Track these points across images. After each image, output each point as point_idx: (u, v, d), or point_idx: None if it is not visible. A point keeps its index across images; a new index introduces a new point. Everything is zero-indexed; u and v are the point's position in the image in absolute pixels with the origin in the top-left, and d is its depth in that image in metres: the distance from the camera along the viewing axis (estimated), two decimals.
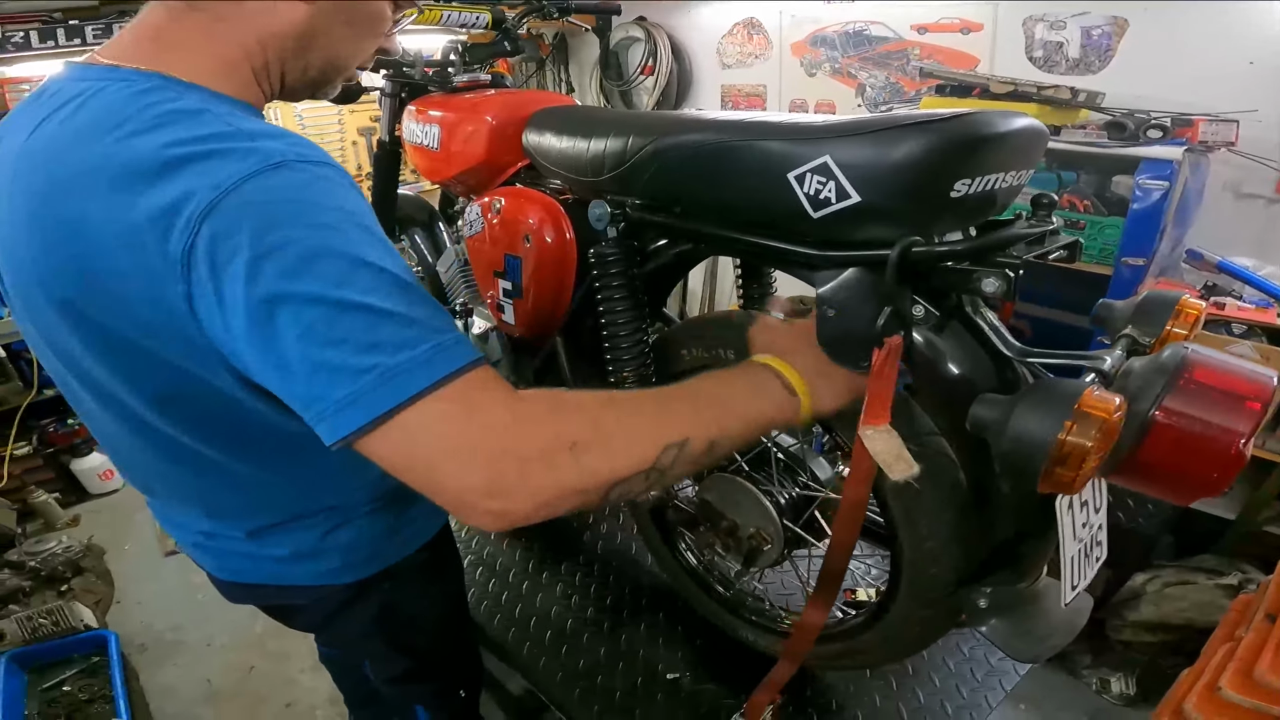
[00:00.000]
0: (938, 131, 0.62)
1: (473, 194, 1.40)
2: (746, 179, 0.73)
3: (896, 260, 0.63)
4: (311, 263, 0.55)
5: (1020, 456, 0.59)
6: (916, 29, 2.62)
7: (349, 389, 0.54)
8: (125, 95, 0.60)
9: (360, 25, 0.73)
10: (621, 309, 0.95)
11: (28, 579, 2.27)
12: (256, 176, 0.55)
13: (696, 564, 1.26)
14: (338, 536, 0.85)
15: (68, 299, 0.61)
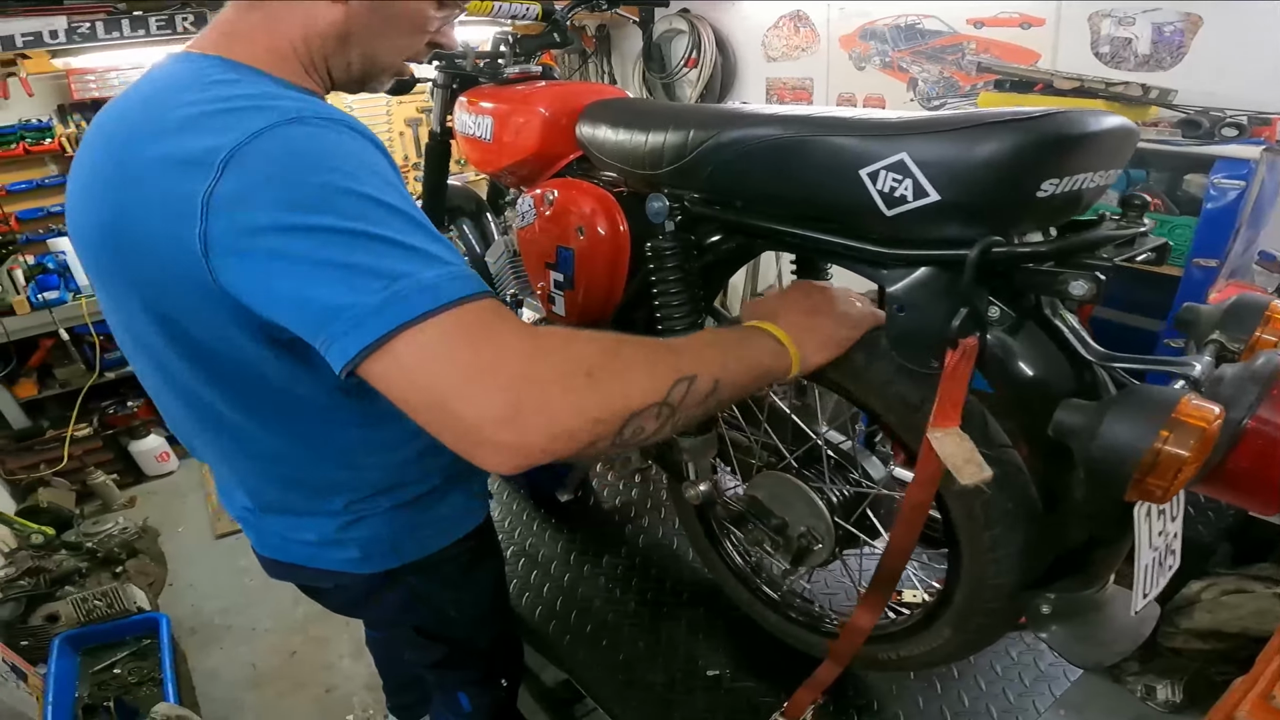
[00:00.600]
0: (1027, 129, 0.59)
1: (524, 185, 1.40)
2: (815, 175, 0.71)
3: (976, 260, 0.61)
4: (326, 199, 0.57)
5: (1110, 465, 0.57)
6: (972, 23, 2.55)
7: (358, 311, 0.55)
8: (187, 71, 0.68)
9: (396, 23, 0.76)
10: (678, 303, 0.94)
11: (85, 560, 2.35)
12: (275, 128, 0.59)
13: (742, 563, 1.25)
14: (357, 529, 0.87)
15: (116, 242, 0.66)
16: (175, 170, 0.59)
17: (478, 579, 1.06)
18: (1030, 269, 0.63)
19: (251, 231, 0.57)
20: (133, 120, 0.65)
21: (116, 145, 0.65)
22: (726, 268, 1.02)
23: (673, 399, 0.63)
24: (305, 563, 0.91)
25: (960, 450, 0.64)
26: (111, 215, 0.65)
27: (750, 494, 1.08)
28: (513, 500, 1.72)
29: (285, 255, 0.57)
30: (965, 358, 0.65)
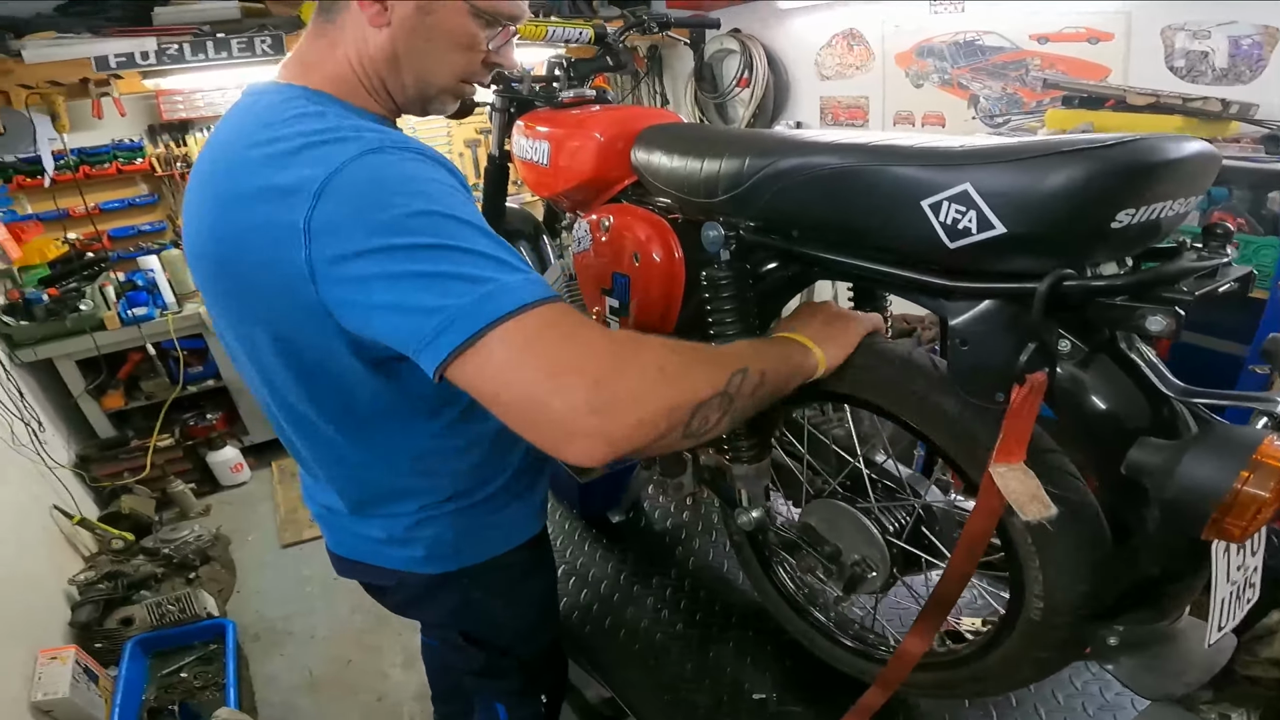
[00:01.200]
0: (1101, 159, 0.57)
1: (580, 210, 1.43)
2: (874, 206, 0.70)
3: (1045, 294, 0.59)
4: (409, 221, 0.63)
5: (1187, 505, 0.56)
6: (1036, 38, 2.48)
7: (450, 313, 0.61)
8: (275, 102, 0.75)
9: (440, 42, 0.80)
10: (733, 333, 0.94)
11: (161, 565, 2.47)
12: (360, 158, 0.65)
13: (794, 588, 1.23)
14: (424, 529, 0.93)
15: (231, 267, 0.73)
16: (277, 200, 0.66)
17: (528, 589, 1.09)
18: (1104, 303, 0.60)
19: (348, 256, 0.64)
20: (235, 151, 0.72)
21: (223, 174, 0.72)
22: (783, 295, 1.02)
23: (731, 389, 0.68)
24: (372, 560, 0.98)
25: (1025, 487, 0.63)
26: (224, 241, 0.72)
27: (804, 521, 1.06)
28: (565, 520, 1.74)
29: (380, 274, 0.63)
30: (1033, 394, 0.63)
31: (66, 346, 2.83)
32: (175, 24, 2.64)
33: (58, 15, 2.65)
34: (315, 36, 0.80)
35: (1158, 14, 2.16)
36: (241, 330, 0.79)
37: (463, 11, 0.78)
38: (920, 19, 2.79)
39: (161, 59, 2.61)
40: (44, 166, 2.96)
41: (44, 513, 2.45)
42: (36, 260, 3.02)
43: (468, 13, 0.78)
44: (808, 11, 3.13)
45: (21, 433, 2.48)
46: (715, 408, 0.67)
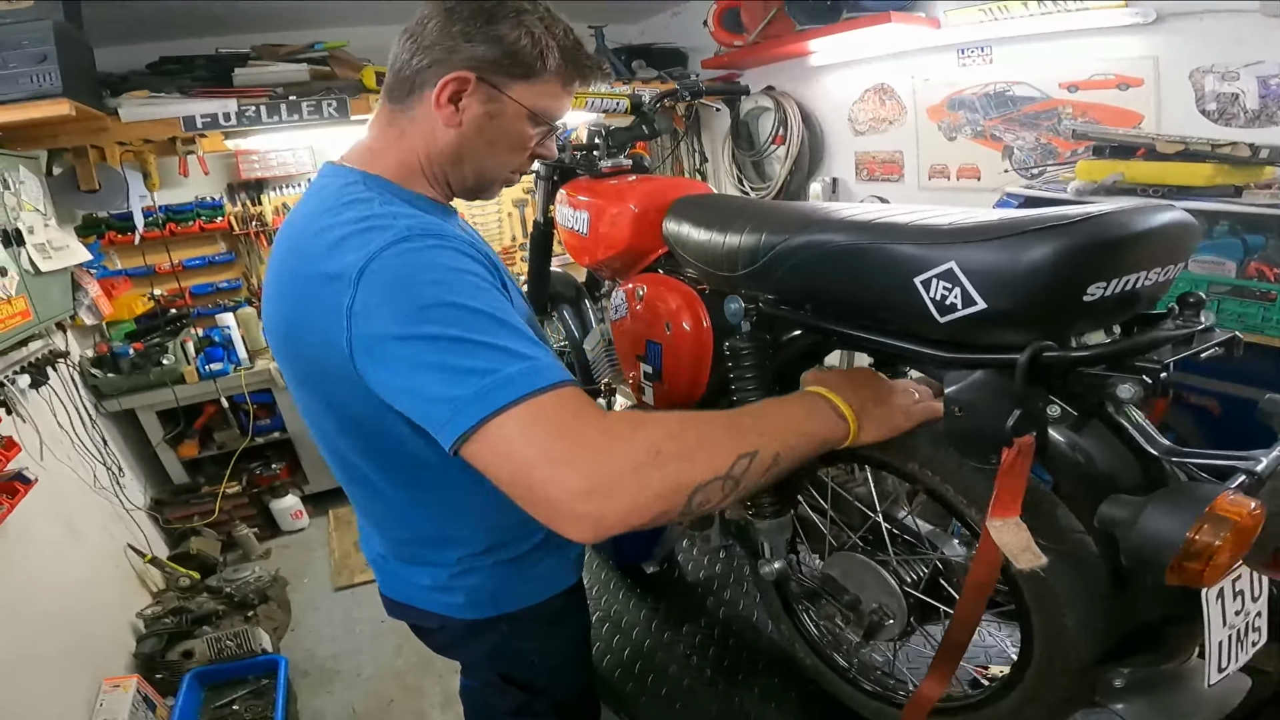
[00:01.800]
0: (1068, 235, 0.62)
1: (618, 277, 1.52)
2: (874, 281, 0.77)
3: (1026, 365, 0.65)
4: (428, 310, 0.70)
5: (1147, 553, 0.61)
6: (1065, 87, 2.51)
7: (455, 403, 0.68)
8: (336, 187, 0.85)
9: (500, 145, 0.90)
10: (755, 400, 1.00)
11: (223, 603, 2.62)
12: (391, 247, 0.73)
13: (816, 634, 1.26)
14: (466, 579, 1.00)
15: (293, 341, 0.83)
16: (328, 285, 0.75)
17: (563, 634, 1.14)
18: (1084, 372, 0.65)
19: (378, 339, 0.72)
20: (302, 234, 0.83)
21: (290, 257, 0.83)
22: (804, 362, 1.08)
23: (735, 473, 0.70)
24: (417, 604, 1.05)
25: (1017, 540, 0.68)
26: (289, 318, 0.83)
27: (825, 572, 1.10)
28: (601, 569, 1.80)
29: (400, 359, 0.71)
30: (1022, 455, 0.68)
31: (148, 398, 3.04)
32: (253, 85, 2.86)
33: (149, 73, 2.89)
34: (386, 124, 0.90)
35: (1185, 57, 2.17)
36: (302, 394, 0.90)
37: (522, 116, 0.87)
38: (949, 71, 2.83)
39: (241, 120, 2.81)
40: (135, 223, 3.15)
41: (119, 551, 2.64)
42: (125, 315, 3.25)
43: (526, 117, 0.88)
44: (838, 68, 3.21)
45: (103, 476, 2.68)
46: (716, 489, 0.69)
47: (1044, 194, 2.14)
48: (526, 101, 0.86)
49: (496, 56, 0.83)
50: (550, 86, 0.87)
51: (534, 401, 0.67)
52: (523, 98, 0.86)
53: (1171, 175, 1.85)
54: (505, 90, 0.85)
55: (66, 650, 2.07)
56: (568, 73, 0.88)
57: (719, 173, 3.84)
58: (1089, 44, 2.40)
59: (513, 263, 4.07)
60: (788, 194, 3.41)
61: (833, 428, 0.80)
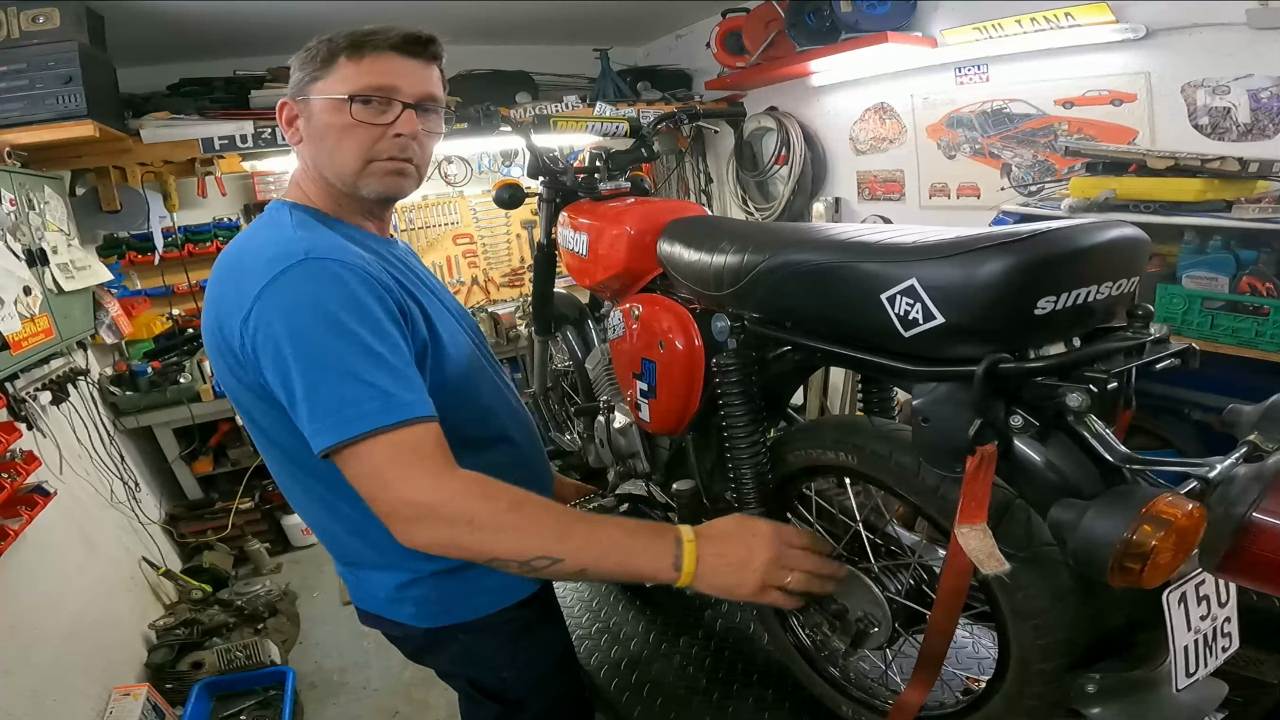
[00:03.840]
0: (1015, 252, 0.66)
1: (617, 298, 1.56)
2: (845, 299, 0.81)
3: (982, 377, 0.68)
4: (310, 335, 0.81)
5: (1088, 553, 0.64)
6: (1061, 103, 2.54)
7: (318, 425, 0.81)
8: (267, 218, 0.97)
9: (329, 136, 0.95)
10: (740, 415, 1.04)
11: (233, 616, 2.66)
12: (285, 272, 0.83)
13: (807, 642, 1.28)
14: (412, 590, 1.04)
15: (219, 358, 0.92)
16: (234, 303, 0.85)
17: (529, 644, 1.14)
18: (1038, 382, 0.69)
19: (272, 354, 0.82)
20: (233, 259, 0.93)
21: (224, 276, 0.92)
22: (793, 378, 1.12)
23: (532, 565, 0.83)
24: (380, 613, 1.09)
25: (982, 546, 0.71)
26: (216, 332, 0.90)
27: None
28: (603, 584, 1.82)
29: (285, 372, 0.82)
30: (985, 462, 0.71)
31: (165, 416, 3.11)
32: (269, 107, 2.88)
33: (170, 94, 2.97)
34: (296, 158, 1.02)
35: (1176, 72, 2.20)
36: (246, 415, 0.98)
37: (331, 106, 0.94)
38: (947, 90, 2.87)
39: (257, 141, 2.89)
40: (154, 244, 3.21)
41: (134, 563, 2.70)
42: (143, 335, 3.34)
43: (334, 105, 0.93)
44: (839, 88, 3.25)
45: (120, 491, 2.75)
46: (514, 566, 0.84)
47: (1039, 211, 2.16)
48: (325, 92, 0.94)
49: (300, 76, 0.96)
50: (342, 70, 0.93)
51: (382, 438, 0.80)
52: (324, 91, 0.94)
53: (1162, 191, 1.87)
54: (310, 96, 0.95)
55: (80, 659, 2.12)
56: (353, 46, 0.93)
57: (724, 193, 3.87)
58: (1082, 60, 2.44)
59: (521, 284, 4.13)
60: (791, 214, 3.44)
61: (658, 571, 0.87)
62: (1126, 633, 0.80)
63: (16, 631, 1.91)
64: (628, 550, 0.87)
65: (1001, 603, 0.84)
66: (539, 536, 0.83)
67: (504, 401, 1.12)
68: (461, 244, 4.07)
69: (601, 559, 0.85)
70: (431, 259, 3.94)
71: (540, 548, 0.83)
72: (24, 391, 2.25)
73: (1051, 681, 0.83)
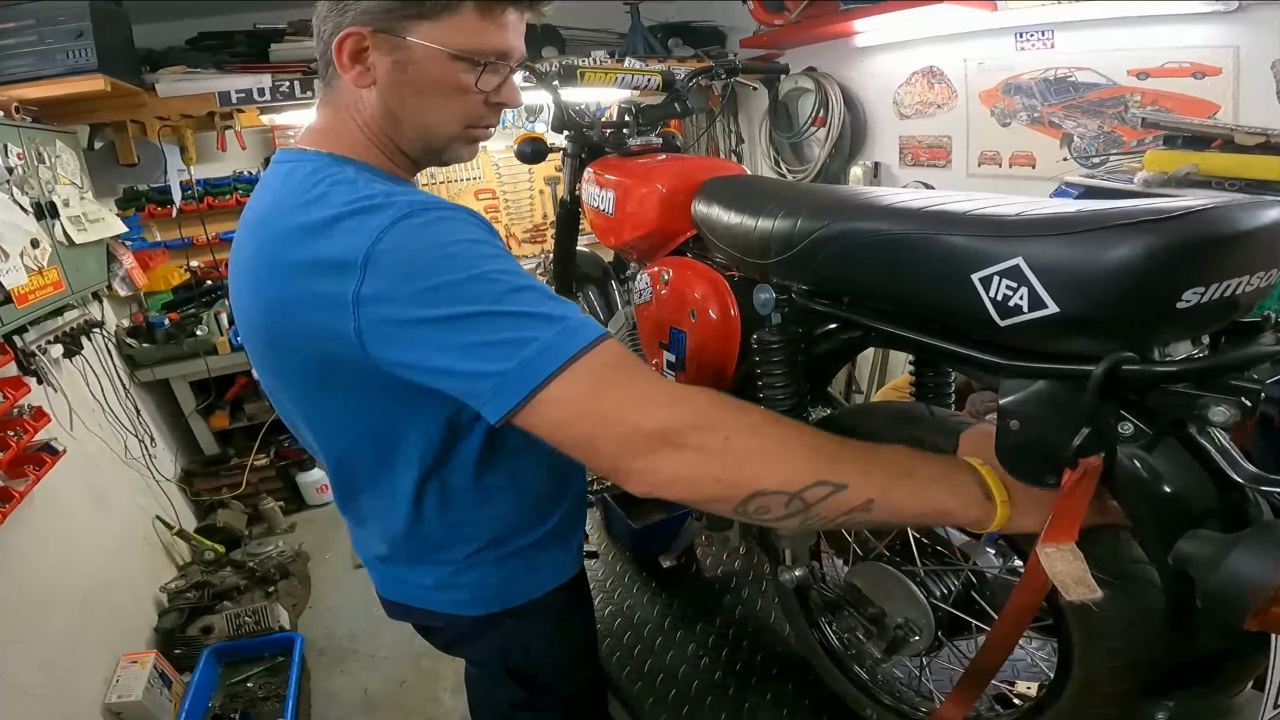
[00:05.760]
0: (1163, 232, 0.53)
1: (644, 260, 1.45)
2: (924, 276, 0.69)
3: (1100, 380, 0.56)
4: (451, 289, 0.67)
5: (1229, 599, 0.54)
6: (1135, 74, 2.35)
7: (498, 380, 0.65)
8: (305, 172, 0.78)
9: (431, 93, 0.80)
10: (782, 397, 0.93)
11: (245, 578, 2.63)
12: (395, 225, 0.68)
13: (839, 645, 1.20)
14: (470, 574, 0.96)
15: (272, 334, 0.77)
16: (324, 274, 0.69)
17: (569, 626, 1.11)
18: (1166, 389, 0.57)
19: (399, 324, 0.68)
20: (274, 222, 0.75)
21: (266, 246, 0.75)
22: (839, 358, 1.00)
23: (807, 496, 0.65)
24: (421, 604, 1.01)
25: (1071, 570, 0.61)
26: (268, 311, 0.76)
27: (849, 581, 1.04)
28: (617, 561, 1.75)
29: (430, 341, 0.67)
30: (1087, 478, 0.61)
31: (182, 369, 3.07)
32: (289, 60, 2.87)
33: (189, 49, 2.94)
34: (323, 104, 0.85)
35: (1268, 47, 2.01)
36: (296, 395, 0.84)
37: (442, 58, 0.77)
38: (1006, 56, 2.69)
39: (275, 95, 2.83)
40: (172, 197, 3.21)
41: (147, 522, 2.67)
42: (161, 287, 3.31)
43: (447, 58, 0.77)
44: (885, 49, 3.08)
45: (134, 447, 2.71)
46: (780, 504, 0.65)
47: (1106, 184, 2.00)
48: (436, 41, 0.76)
49: (387, 4, 0.76)
50: (463, 20, 0.77)
51: (583, 361, 0.65)
52: (431, 37, 0.76)
53: (1251, 169, 1.71)
54: (408, 35, 0.76)
55: (92, 625, 2.09)
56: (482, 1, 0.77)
57: (755, 154, 3.74)
58: (1163, 31, 2.25)
59: (544, 240, 4.03)
60: (826, 177, 3.30)
61: (966, 505, 0.67)
62: (1214, 659, 0.70)
63: (26, 599, 1.86)
64: (923, 480, 0.67)
65: (1071, 621, 0.75)
66: (810, 455, 0.65)
67: None
68: (484, 199, 3.99)
69: (890, 487, 0.65)
70: None
71: (816, 470, 0.64)
72: (34, 345, 2.19)
73: (1118, 704, 0.75)
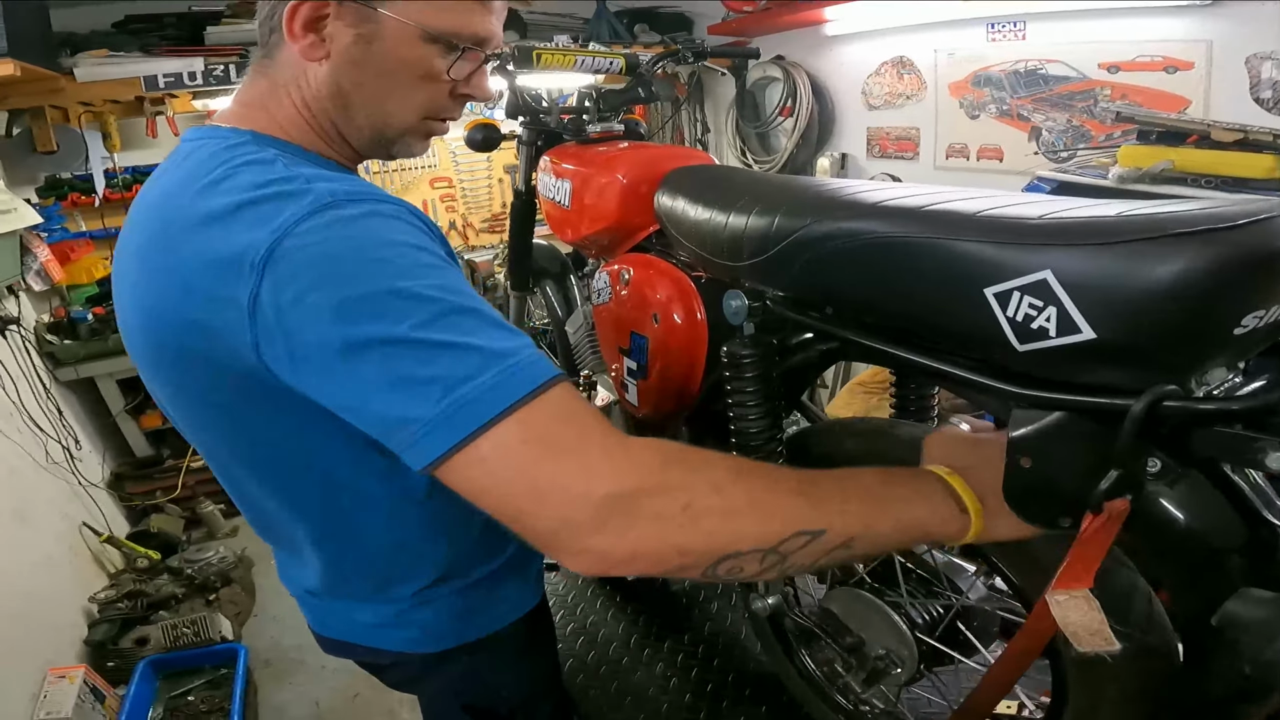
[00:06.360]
0: (1229, 244, 0.44)
1: (604, 256, 1.35)
2: (925, 289, 0.59)
3: (1140, 418, 0.47)
4: (365, 304, 0.54)
5: None
6: (1106, 67, 2.31)
7: (419, 426, 0.53)
8: (215, 149, 0.64)
9: (396, 76, 0.69)
10: (754, 415, 0.84)
11: (183, 586, 2.45)
12: (310, 218, 0.56)
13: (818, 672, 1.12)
14: (419, 613, 0.84)
15: (167, 339, 0.63)
16: (216, 271, 0.57)
17: (533, 657, 1.02)
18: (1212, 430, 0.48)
19: (304, 342, 0.55)
20: (168, 208, 0.62)
21: (156, 237, 0.62)
22: (816, 368, 0.91)
23: (785, 549, 0.56)
24: (364, 642, 0.90)
25: (1085, 620, 0.53)
26: (160, 319, 0.63)
27: (825, 607, 0.96)
28: (578, 575, 1.65)
29: (339, 370, 0.55)
30: (1111, 522, 0.52)
31: (109, 366, 2.85)
32: (224, 44, 2.69)
33: (115, 32, 2.75)
34: (255, 76, 0.71)
35: (1241, 42, 2.00)
36: (187, 413, 0.70)
37: (414, 37, 0.66)
38: (976, 46, 2.64)
39: (209, 79, 2.64)
40: (95, 185, 3.01)
41: (74, 531, 2.46)
42: (84, 280, 3.06)
43: (420, 38, 0.66)
44: (855, 38, 3.02)
45: (56, 452, 2.50)
46: (755, 561, 0.56)
47: (1080, 179, 1.97)
48: (413, 16, 0.65)
49: None
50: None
51: (522, 413, 0.53)
52: (407, 13, 0.65)
53: (1228, 165, 1.68)
54: (379, 5, 0.65)
55: (13, 639, 1.92)
56: None
57: (721, 144, 3.65)
58: (1136, 24, 2.22)
59: (502, 230, 3.89)
60: (794, 168, 3.24)
61: (944, 520, 0.61)
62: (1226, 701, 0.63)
63: None
64: (898, 502, 0.61)
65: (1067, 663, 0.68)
66: (784, 506, 0.57)
67: None
68: (439, 188, 3.82)
69: (871, 520, 0.59)
70: None
71: (796, 519, 0.56)
72: None
73: None
